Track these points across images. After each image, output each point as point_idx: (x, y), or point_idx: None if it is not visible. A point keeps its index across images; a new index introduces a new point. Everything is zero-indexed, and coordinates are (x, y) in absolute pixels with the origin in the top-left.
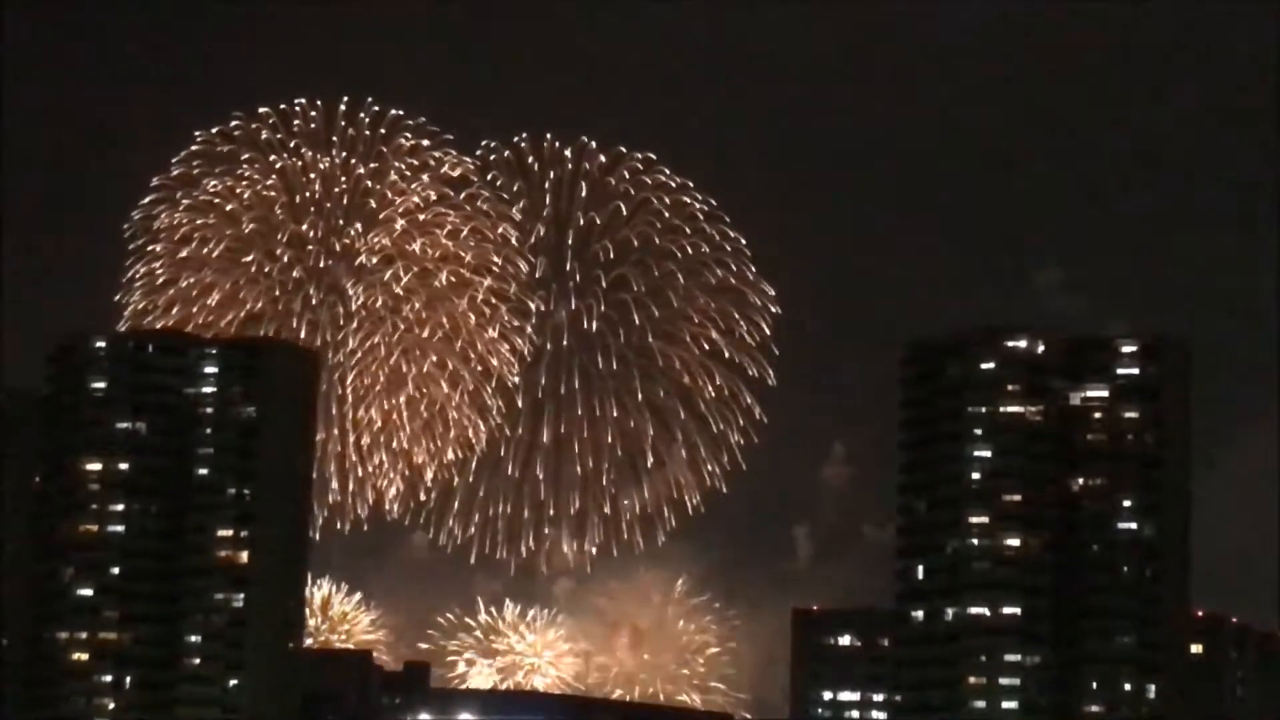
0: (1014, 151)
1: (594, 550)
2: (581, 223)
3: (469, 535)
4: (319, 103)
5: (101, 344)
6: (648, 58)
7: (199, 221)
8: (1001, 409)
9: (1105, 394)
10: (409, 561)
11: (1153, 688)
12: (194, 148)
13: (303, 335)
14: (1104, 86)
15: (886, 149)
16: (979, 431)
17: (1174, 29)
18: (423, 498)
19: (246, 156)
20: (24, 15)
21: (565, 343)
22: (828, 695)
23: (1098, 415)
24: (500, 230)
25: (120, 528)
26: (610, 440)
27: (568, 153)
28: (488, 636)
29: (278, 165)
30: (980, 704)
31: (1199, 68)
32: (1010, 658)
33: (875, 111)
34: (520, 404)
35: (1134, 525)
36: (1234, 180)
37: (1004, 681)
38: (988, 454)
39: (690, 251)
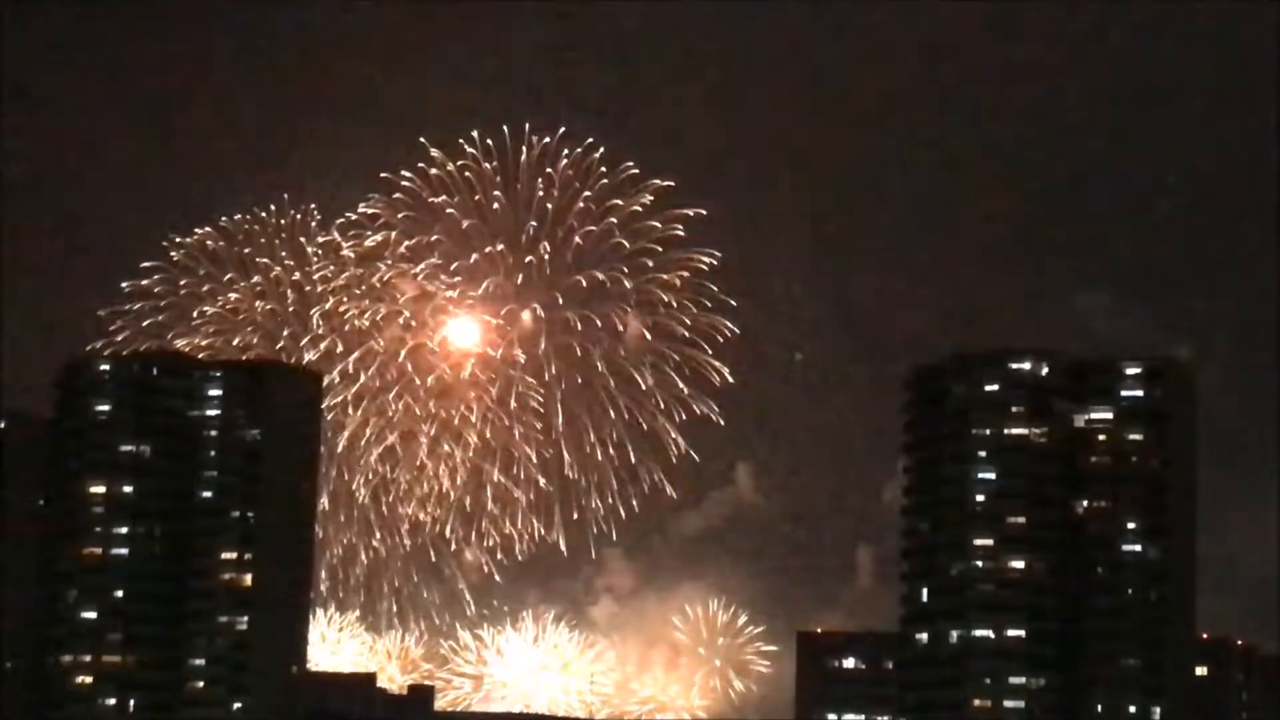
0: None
1: (642, 570)
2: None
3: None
4: None
5: (106, 367)
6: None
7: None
8: (1006, 431)
9: (1110, 416)
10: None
11: (1158, 711)
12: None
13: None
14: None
15: (930, 168)
16: (983, 453)
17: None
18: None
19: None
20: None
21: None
22: (832, 717)
23: (1102, 437)
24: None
25: (124, 550)
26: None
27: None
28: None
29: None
30: None
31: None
32: (1015, 680)
33: (921, 131)
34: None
35: (1139, 548)
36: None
37: (1009, 704)
38: (992, 476)
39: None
